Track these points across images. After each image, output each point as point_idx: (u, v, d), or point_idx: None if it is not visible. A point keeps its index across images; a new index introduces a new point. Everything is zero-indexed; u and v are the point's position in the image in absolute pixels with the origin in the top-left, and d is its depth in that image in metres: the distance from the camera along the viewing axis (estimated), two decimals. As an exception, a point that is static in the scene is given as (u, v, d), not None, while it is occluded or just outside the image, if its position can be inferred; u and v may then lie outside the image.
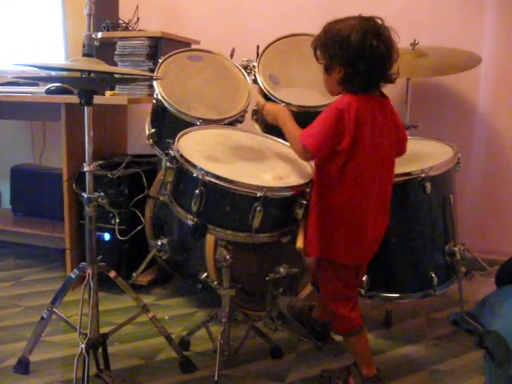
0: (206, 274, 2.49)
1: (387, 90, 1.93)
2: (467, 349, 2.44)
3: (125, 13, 3.29)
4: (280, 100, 2.43)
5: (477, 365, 2.31)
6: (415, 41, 2.87)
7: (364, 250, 1.99)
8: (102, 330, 2.08)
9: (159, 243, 2.78)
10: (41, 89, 3.04)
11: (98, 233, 2.76)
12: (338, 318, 2.07)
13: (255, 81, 2.58)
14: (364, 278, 2.32)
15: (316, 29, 2.52)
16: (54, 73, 2.77)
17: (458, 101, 3.30)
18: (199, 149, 2.04)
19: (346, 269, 2.00)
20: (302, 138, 1.84)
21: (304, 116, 2.43)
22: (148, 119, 2.63)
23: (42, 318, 2.16)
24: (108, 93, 2.89)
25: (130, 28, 3.19)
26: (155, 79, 2.49)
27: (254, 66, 2.61)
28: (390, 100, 1.95)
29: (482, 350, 2.38)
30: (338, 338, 2.35)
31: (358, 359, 2.08)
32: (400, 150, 2.03)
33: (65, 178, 2.93)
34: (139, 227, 2.91)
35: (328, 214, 1.92)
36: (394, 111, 1.98)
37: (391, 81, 1.89)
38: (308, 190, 1.94)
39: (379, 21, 1.84)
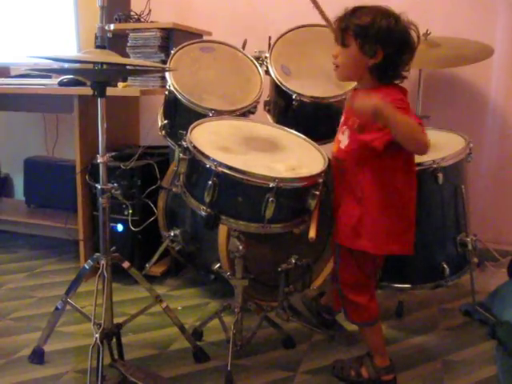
0: (218, 265, 2.50)
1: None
2: (479, 339, 2.45)
3: (137, 4, 3.29)
4: (292, 91, 2.43)
5: (489, 355, 2.31)
6: (427, 31, 2.85)
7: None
8: (116, 321, 2.10)
9: (172, 234, 2.80)
10: (53, 81, 3.05)
11: (112, 224, 2.76)
12: (356, 308, 2.08)
13: (267, 72, 2.58)
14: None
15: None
16: (67, 65, 2.78)
17: (470, 91, 3.29)
18: (212, 140, 2.05)
19: (366, 257, 2.01)
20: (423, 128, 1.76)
21: (316, 107, 2.44)
22: (160, 110, 2.64)
23: (57, 308, 2.18)
24: (120, 84, 2.89)
25: (142, 20, 3.20)
26: (168, 71, 2.50)
27: (266, 57, 2.61)
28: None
29: (494, 340, 2.38)
30: (351, 327, 2.36)
31: (372, 349, 2.09)
32: None
33: (78, 169, 2.95)
34: (152, 218, 2.92)
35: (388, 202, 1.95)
36: None
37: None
38: (321, 180, 1.94)
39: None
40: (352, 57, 1.86)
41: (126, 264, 2.17)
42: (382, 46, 1.81)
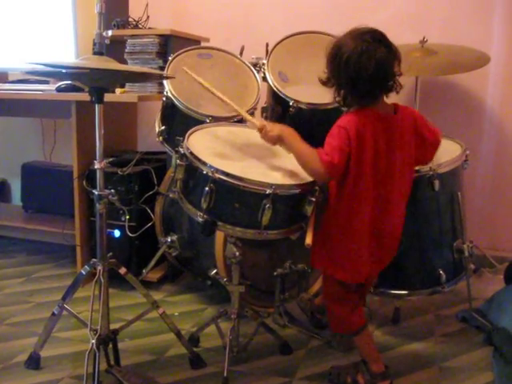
0: (215, 271, 2.49)
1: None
2: (476, 346, 2.45)
3: (135, 11, 3.30)
4: (289, 97, 2.43)
5: (485, 362, 2.31)
6: (424, 38, 2.87)
7: (360, 270, 2.01)
8: (113, 326, 2.10)
9: (169, 240, 2.80)
10: (51, 86, 3.06)
11: (109, 229, 2.77)
12: (336, 320, 2.11)
13: (264, 78, 2.59)
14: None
15: (325, 26, 2.55)
16: (65, 70, 2.78)
17: (466, 99, 3.30)
18: (209, 146, 2.05)
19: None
20: (325, 154, 1.81)
21: (313, 113, 2.44)
22: (158, 116, 2.65)
23: (53, 314, 2.18)
24: (118, 90, 2.90)
25: (139, 26, 3.21)
26: (165, 78, 2.50)
27: (263, 64, 2.61)
28: (400, 99, 1.96)
29: (491, 346, 2.38)
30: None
31: (364, 356, 2.10)
32: (422, 158, 2.05)
33: (75, 175, 2.95)
34: (149, 224, 2.93)
35: (333, 230, 1.98)
36: (418, 122, 1.96)
37: (392, 91, 1.89)
38: (317, 187, 1.94)
39: (375, 34, 1.82)
40: None
41: (122, 270, 2.17)
42: (333, 79, 1.89)
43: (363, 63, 1.77)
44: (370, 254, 1.97)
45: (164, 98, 2.54)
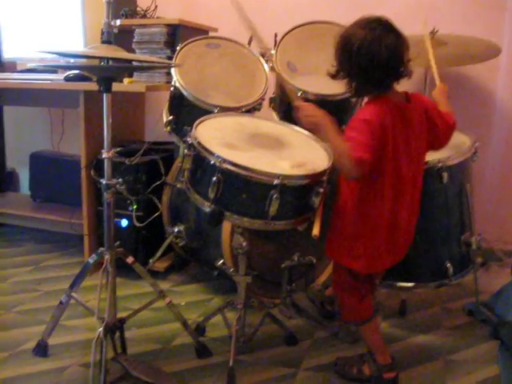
0: (222, 261, 2.50)
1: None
2: (482, 339, 2.44)
3: (143, 0, 3.30)
4: (298, 88, 2.43)
5: (491, 355, 2.31)
6: (434, 29, 2.84)
7: (375, 262, 2.01)
8: (120, 315, 2.11)
9: (176, 230, 2.81)
10: (60, 76, 3.06)
11: (116, 219, 2.78)
12: (346, 308, 2.11)
13: (273, 68, 2.58)
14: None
15: (334, 16, 2.53)
16: (73, 60, 2.79)
17: (476, 91, 3.28)
18: (217, 136, 2.05)
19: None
20: (356, 151, 1.75)
21: (321, 104, 2.43)
22: (166, 106, 2.65)
23: (61, 302, 2.19)
24: (126, 80, 2.90)
25: (148, 15, 3.21)
26: (174, 66, 2.50)
27: (271, 54, 2.61)
28: (409, 90, 1.95)
29: (497, 340, 2.38)
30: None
31: (371, 347, 2.10)
32: (437, 143, 2.03)
33: (83, 164, 2.96)
34: (156, 214, 2.93)
35: (351, 222, 1.96)
36: (429, 109, 1.95)
37: (404, 77, 1.87)
38: (325, 178, 1.94)
39: (382, 22, 1.81)
40: None
41: (130, 259, 2.17)
42: (343, 71, 1.88)
43: (375, 51, 1.77)
44: (386, 246, 1.97)
45: (172, 88, 2.54)
